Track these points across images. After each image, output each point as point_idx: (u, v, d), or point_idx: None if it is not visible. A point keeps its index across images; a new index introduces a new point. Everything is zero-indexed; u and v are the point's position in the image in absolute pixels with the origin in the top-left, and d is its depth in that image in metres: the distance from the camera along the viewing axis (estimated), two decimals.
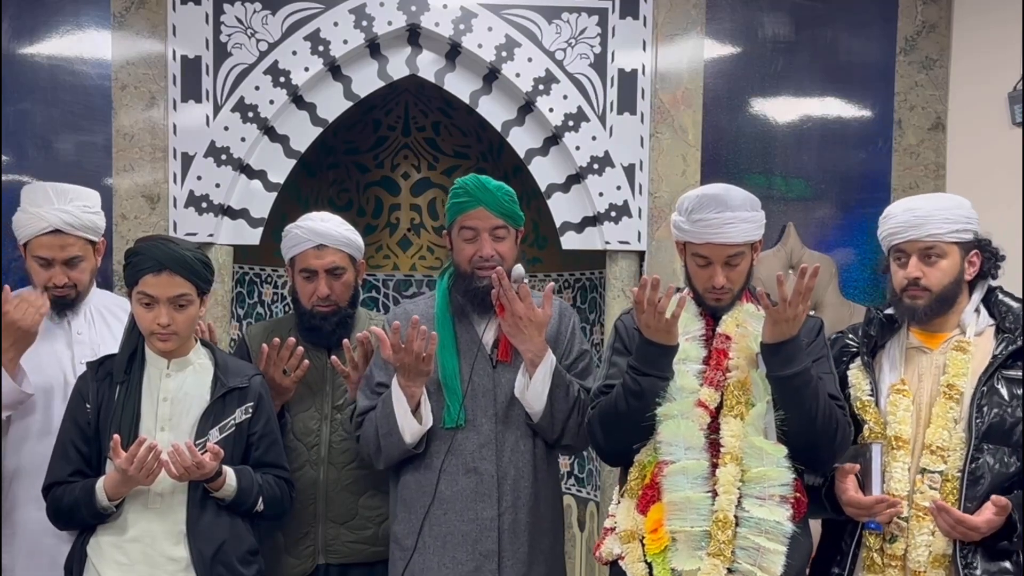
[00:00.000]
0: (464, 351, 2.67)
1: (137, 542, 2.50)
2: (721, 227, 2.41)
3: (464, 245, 2.65)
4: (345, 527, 2.86)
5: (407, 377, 2.57)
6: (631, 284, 3.69)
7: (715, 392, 2.40)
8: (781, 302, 2.29)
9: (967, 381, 2.42)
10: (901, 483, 2.41)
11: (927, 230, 2.44)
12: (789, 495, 2.35)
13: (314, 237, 2.85)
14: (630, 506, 2.46)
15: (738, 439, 2.36)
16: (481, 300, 2.63)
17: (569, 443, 2.71)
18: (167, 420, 2.55)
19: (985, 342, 2.48)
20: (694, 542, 2.33)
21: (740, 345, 2.44)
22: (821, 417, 2.36)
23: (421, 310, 2.70)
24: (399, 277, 4.38)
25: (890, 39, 3.76)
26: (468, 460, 2.62)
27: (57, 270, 2.84)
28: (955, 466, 2.38)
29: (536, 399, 2.61)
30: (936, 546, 2.38)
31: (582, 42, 3.66)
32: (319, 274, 2.85)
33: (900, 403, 2.46)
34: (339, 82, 3.66)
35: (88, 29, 3.54)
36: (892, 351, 2.56)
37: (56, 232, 2.81)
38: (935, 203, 2.49)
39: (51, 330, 2.89)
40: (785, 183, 3.76)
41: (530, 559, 2.63)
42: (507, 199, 2.65)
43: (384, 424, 2.61)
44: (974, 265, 2.49)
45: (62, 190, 2.87)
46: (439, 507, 2.62)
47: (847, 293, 3.75)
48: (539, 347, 2.60)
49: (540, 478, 2.68)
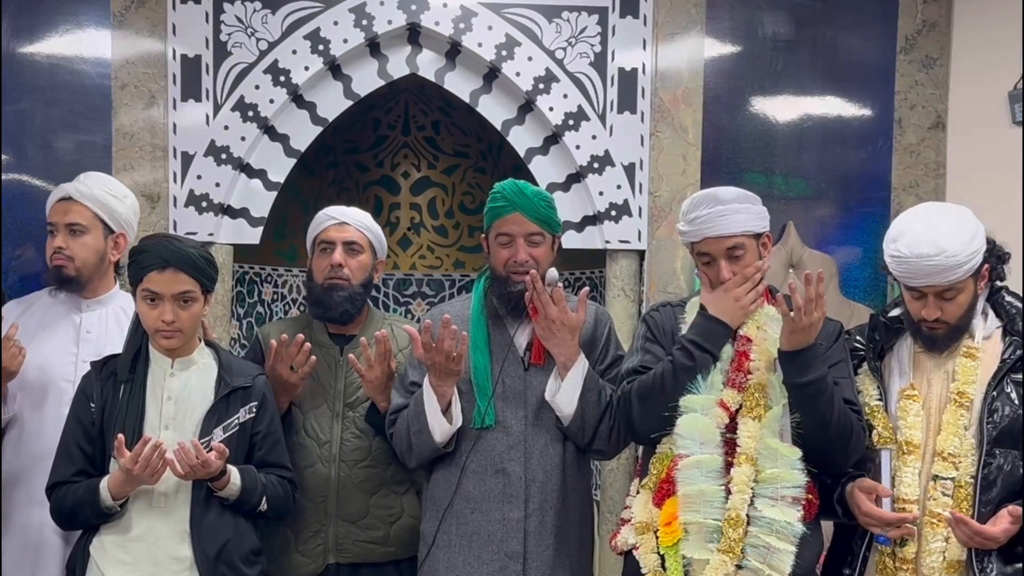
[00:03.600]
0: (496, 352, 2.69)
1: (141, 541, 2.50)
2: (715, 220, 2.45)
3: (500, 250, 2.68)
4: (356, 526, 2.86)
5: (438, 376, 2.59)
6: (631, 283, 3.70)
7: (737, 394, 2.42)
8: (796, 311, 2.30)
9: (977, 387, 2.41)
10: (911, 488, 2.41)
11: (943, 277, 2.37)
12: (801, 496, 2.37)
13: (338, 215, 2.95)
14: (647, 499, 2.49)
15: (754, 440, 2.38)
16: (515, 304, 2.66)
17: (600, 448, 2.72)
18: (171, 419, 2.55)
19: (993, 345, 2.47)
20: (706, 534, 2.35)
21: (760, 348, 2.46)
22: (836, 423, 2.37)
23: (457, 311, 2.72)
24: (399, 276, 4.38)
25: (890, 38, 3.76)
26: (497, 461, 2.64)
27: (59, 236, 2.92)
28: (967, 472, 2.38)
29: (567, 403, 2.61)
30: (950, 552, 2.37)
31: (582, 41, 3.66)
32: (336, 245, 2.90)
33: (910, 408, 2.46)
34: (339, 81, 3.66)
35: (88, 28, 3.53)
36: (900, 354, 2.55)
37: (66, 199, 2.95)
38: (947, 245, 2.35)
39: (59, 324, 2.91)
40: (785, 182, 3.76)
41: (555, 562, 2.64)
42: (544, 205, 2.68)
43: (415, 423, 2.64)
44: (985, 278, 2.47)
45: (95, 175, 3.05)
46: (466, 506, 2.63)
47: (847, 292, 3.75)
48: (572, 351, 2.61)
49: (569, 482, 2.69)
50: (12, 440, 2.85)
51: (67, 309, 2.97)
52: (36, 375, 2.83)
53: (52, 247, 2.94)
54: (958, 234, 2.39)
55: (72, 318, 2.96)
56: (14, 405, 2.84)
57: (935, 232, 2.38)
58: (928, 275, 2.38)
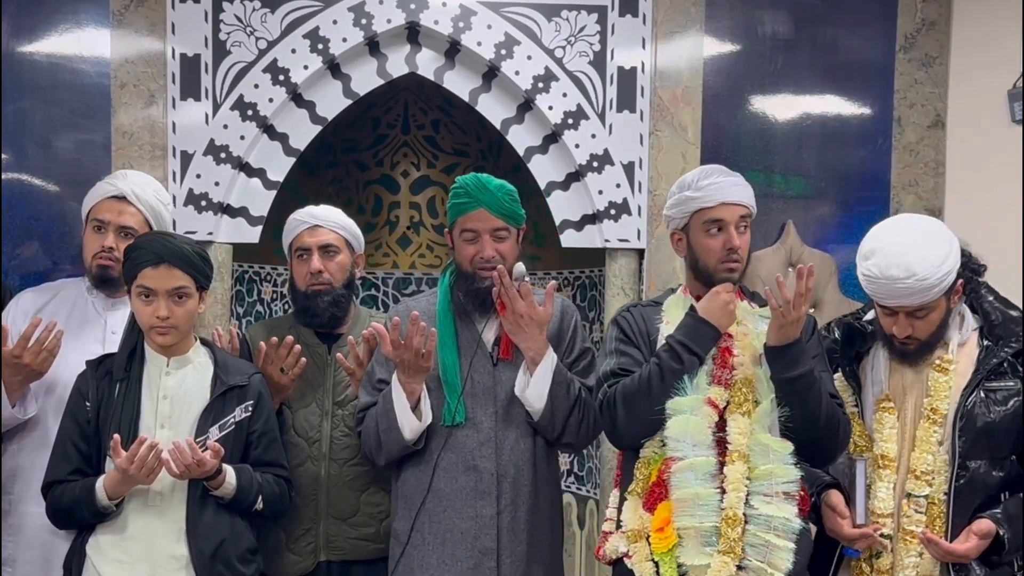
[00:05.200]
0: (464, 348, 2.68)
1: (137, 540, 2.50)
2: (731, 188, 2.50)
3: (465, 246, 2.66)
4: (347, 523, 2.87)
5: (407, 373, 2.58)
6: (630, 282, 3.69)
7: (724, 390, 2.41)
8: (785, 304, 2.30)
9: (949, 402, 2.41)
10: (885, 502, 2.43)
11: (914, 299, 2.37)
12: (795, 492, 2.36)
13: (309, 219, 2.95)
14: (636, 504, 2.47)
15: (745, 436, 2.37)
16: (482, 300, 2.65)
17: (570, 441, 2.72)
18: (167, 418, 2.55)
19: (969, 350, 2.47)
20: (703, 538, 2.34)
21: (743, 343, 2.45)
22: (824, 416, 2.38)
23: (423, 307, 2.71)
24: (399, 275, 4.38)
25: (890, 36, 3.75)
26: (468, 458, 2.63)
27: (110, 235, 2.87)
28: (940, 489, 2.39)
29: (537, 397, 2.61)
30: (923, 567, 2.39)
31: (581, 40, 3.66)
32: (312, 251, 2.90)
33: (886, 421, 2.46)
34: (338, 80, 3.66)
35: (87, 27, 3.53)
36: (876, 361, 2.54)
37: (119, 198, 2.91)
38: (918, 268, 2.33)
39: (88, 324, 2.90)
40: (785, 181, 3.76)
41: (529, 557, 2.64)
42: (508, 199, 2.66)
43: (384, 420, 2.62)
44: (959, 293, 2.46)
45: (143, 176, 3.06)
46: (438, 504, 2.62)
47: (847, 291, 3.74)
48: (540, 345, 2.60)
49: (540, 476, 2.69)
50: (34, 440, 2.83)
51: (97, 308, 2.95)
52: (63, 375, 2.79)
53: (99, 244, 2.87)
54: (930, 257, 2.35)
55: (101, 317, 2.94)
56: (35, 405, 2.80)
57: (907, 255, 2.35)
58: (899, 296, 2.38)
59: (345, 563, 2.87)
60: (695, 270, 2.55)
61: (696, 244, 2.53)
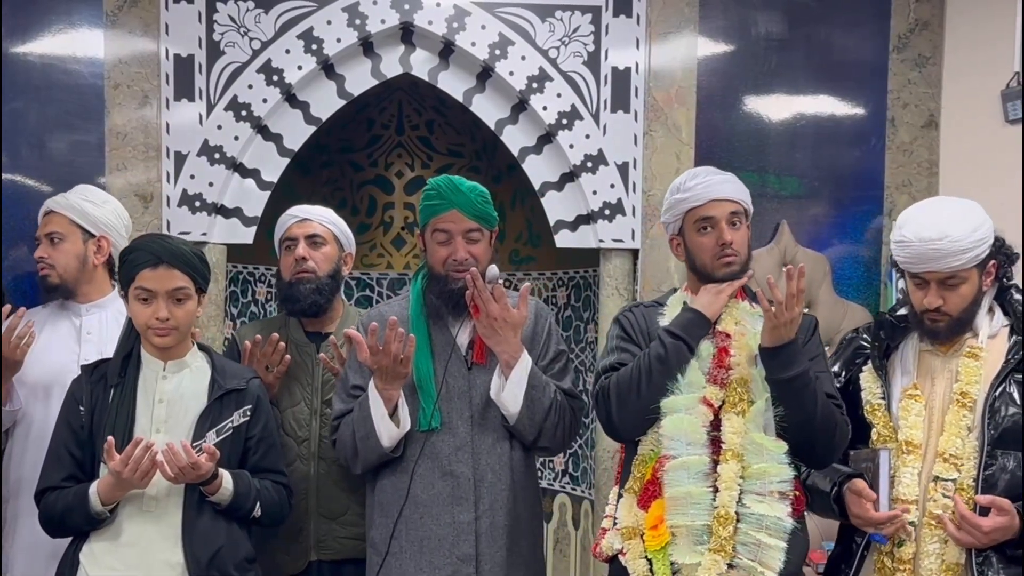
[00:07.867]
0: (438, 353, 2.64)
1: (132, 546, 2.44)
2: (719, 186, 2.51)
3: (438, 248, 2.62)
4: (337, 523, 2.86)
5: (384, 380, 2.54)
6: (625, 282, 3.69)
7: (719, 390, 2.41)
8: (777, 305, 2.30)
9: (980, 388, 2.41)
10: (910, 488, 2.40)
11: (946, 263, 2.38)
12: (788, 491, 2.36)
13: (299, 213, 3.00)
14: (631, 502, 2.47)
15: (739, 435, 2.37)
16: (456, 302, 2.61)
17: (546, 444, 2.69)
18: (163, 422, 2.50)
19: (999, 344, 2.46)
20: (694, 536, 2.34)
21: (739, 343, 2.45)
22: (820, 417, 2.38)
23: (396, 312, 2.67)
24: (393, 276, 4.37)
25: (883, 37, 3.76)
26: (444, 463, 2.59)
27: (42, 247, 3.05)
28: (969, 475, 2.37)
29: (512, 401, 2.58)
30: (948, 555, 2.37)
31: (575, 40, 3.66)
32: (299, 240, 2.93)
33: (912, 408, 2.45)
34: (332, 81, 3.66)
35: (81, 28, 3.53)
36: (905, 353, 2.54)
37: (48, 212, 3.08)
38: (951, 230, 2.37)
39: (59, 326, 2.99)
40: (778, 181, 3.76)
41: (509, 562, 2.60)
42: (480, 200, 2.62)
43: (361, 428, 2.58)
44: (991, 275, 2.47)
45: (79, 186, 3.20)
46: (415, 511, 2.58)
47: (840, 291, 3.75)
48: (515, 348, 2.58)
49: (517, 480, 2.64)
50: (19, 440, 2.85)
51: (66, 314, 3.05)
52: (40, 375, 2.84)
53: (36, 258, 3.04)
54: (962, 222, 2.40)
55: (72, 321, 3.02)
56: (20, 400, 2.86)
57: (939, 217, 2.42)
58: (931, 260, 2.38)
59: (336, 563, 2.86)
60: (695, 271, 2.55)
61: (691, 244, 2.53)
